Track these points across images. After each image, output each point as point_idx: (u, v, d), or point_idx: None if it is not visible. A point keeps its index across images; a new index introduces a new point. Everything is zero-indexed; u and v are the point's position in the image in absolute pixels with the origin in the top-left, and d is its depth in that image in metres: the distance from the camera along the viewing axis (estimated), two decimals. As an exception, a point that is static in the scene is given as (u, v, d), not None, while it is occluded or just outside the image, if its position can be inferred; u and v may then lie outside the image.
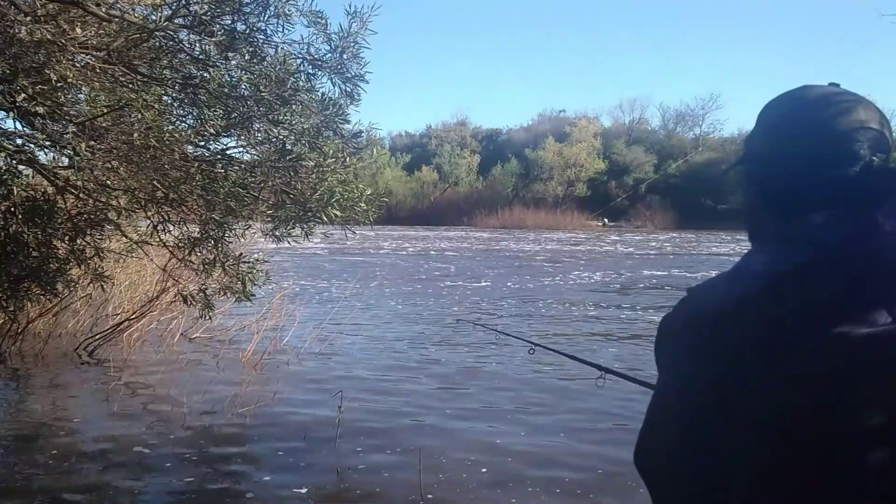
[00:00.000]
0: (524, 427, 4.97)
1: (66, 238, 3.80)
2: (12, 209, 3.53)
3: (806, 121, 0.86)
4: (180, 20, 2.74)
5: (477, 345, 8.14)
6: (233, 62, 2.94)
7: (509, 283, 15.04)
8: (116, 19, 2.77)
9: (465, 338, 8.61)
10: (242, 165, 3.47)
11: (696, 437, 0.78)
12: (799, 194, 0.85)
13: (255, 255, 4.36)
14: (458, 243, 30.50)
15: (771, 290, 0.78)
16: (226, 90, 2.91)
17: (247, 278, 4.01)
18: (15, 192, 3.46)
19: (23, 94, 2.87)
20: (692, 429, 0.79)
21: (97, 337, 7.07)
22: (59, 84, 2.93)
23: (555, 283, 15.23)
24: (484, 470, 4.10)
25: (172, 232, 4.02)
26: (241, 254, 4.11)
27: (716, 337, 0.80)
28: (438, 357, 7.44)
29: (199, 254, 3.96)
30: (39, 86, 2.95)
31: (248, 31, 2.79)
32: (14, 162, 3.51)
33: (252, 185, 3.46)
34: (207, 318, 4.41)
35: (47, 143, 3.34)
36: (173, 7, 2.70)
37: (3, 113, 3.29)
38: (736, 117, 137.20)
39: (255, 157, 3.44)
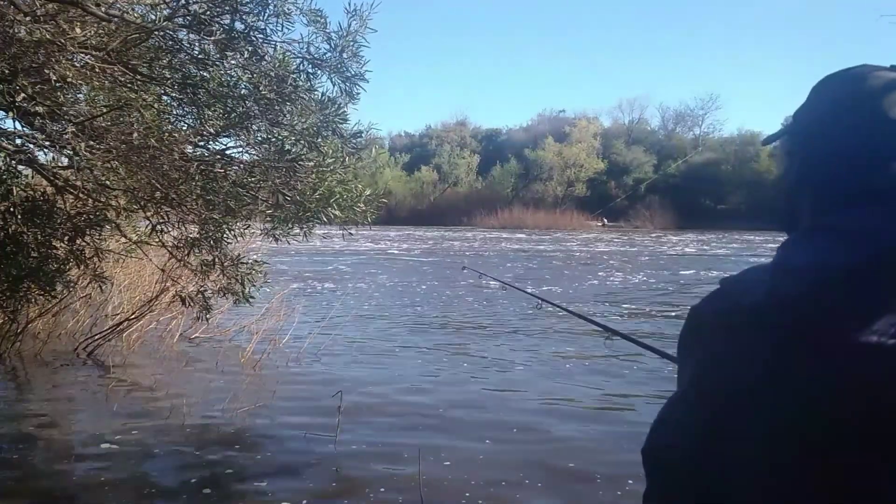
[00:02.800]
0: (526, 427, 4.96)
1: (66, 238, 3.80)
2: (12, 209, 3.52)
3: (865, 108, 0.81)
4: (179, 20, 2.74)
5: (481, 344, 8.14)
6: (232, 61, 2.94)
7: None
8: (115, 19, 2.77)
9: (469, 337, 8.61)
10: (242, 165, 3.47)
11: (722, 432, 0.75)
12: (847, 183, 0.80)
13: (254, 257, 4.35)
14: (462, 243, 30.50)
15: (820, 287, 0.73)
16: (225, 90, 2.91)
17: (246, 280, 4.01)
18: (14, 191, 3.46)
19: (22, 94, 2.87)
20: (719, 424, 0.76)
21: (96, 337, 7.07)
22: (58, 84, 2.93)
23: (593, 286, 15.22)
24: (484, 470, 4.09)
25: (171, 232, 4.02)
26: (239, 255, 4.10)
27: (756, 332, 0.75)
28: (441, 356, 7.43)
29: (197, 254, 3.96)
30: (39, 85, 2.95)
31: (246, 31, 2.79)
32: (13, 162, 3.51)
33: (251, 184, 3.46)
34: (205, 319, 4.41)
35: (47, 142, 3.34)
36: (172, 6, 2.70)
37: (3, 113, 3.29)
38: (735, 117, 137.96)
39: (255, 156, 3.44)
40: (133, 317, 7.22)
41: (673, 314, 10.70)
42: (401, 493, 3.75)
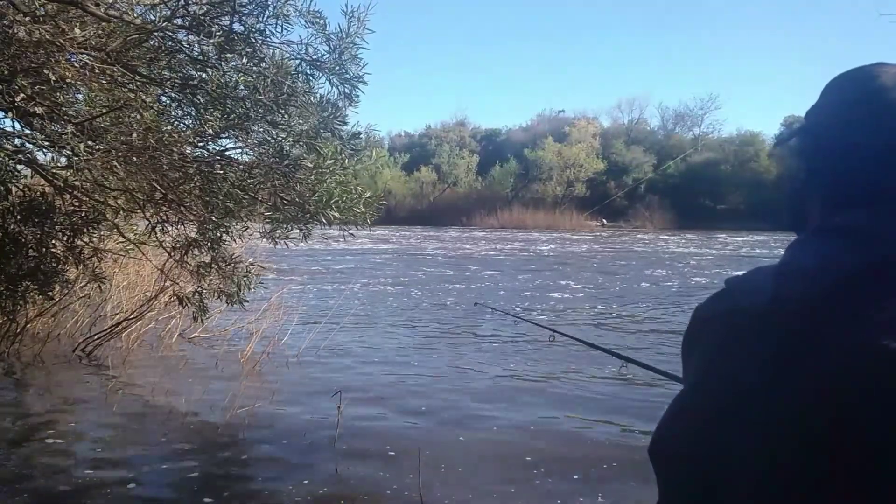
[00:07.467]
0: (526, 428, 4.97)
1: (64, 238, 3.80)
2: (10, 209, 3.53)
3: (875, 106, 0.79)
4: (179, 20, 2.74)
5: (482, 344, 8.14)
6: (231, 63, 2.94)
7: (506, 282, 15.05)
8: (115, 19, 2.77)
9: (470, 337, 8.61)
10: (241, 166, 3.47)
11: (723, 431, 0.75)
12: (856, 183, 0.78)
13: (252, 259, 4.36)
14: (458, 244, 30.49)
15: (828, 288, 0.71)
16: (224, 91, 2.91)
17: (241, 282, 4.01)
18: (13, 191, 3.46)
19: (21, 94, 2.87)
20: (721, 423, 0.76)
21: (96, 337, 7.06)
22: (57, 84, 2.93)
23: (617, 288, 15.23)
24: (484, 471, 4.10)
25: (170, 233, 4.02)
26: (235, 256, 4.11)
27: (761, 333, 0.75)
28: (440, 357, 7.43)
29: (194, 255, 3.97)
30: (38, 86, 2.94)
31: (246, 32, 2.79)
32: (12, 162, 3.51)
33: (250, 186, 3.46)
34: (201, 320, 4.41)
35: (46, 143, 3.33)
36: (172, 7, 2.70)
37: (2, 113, 3.29)
38: (734, 118, 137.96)
39: (254, 158, 3.44)
40: (132, 317, 7.22)
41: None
42: (400, 492, 3.75)
